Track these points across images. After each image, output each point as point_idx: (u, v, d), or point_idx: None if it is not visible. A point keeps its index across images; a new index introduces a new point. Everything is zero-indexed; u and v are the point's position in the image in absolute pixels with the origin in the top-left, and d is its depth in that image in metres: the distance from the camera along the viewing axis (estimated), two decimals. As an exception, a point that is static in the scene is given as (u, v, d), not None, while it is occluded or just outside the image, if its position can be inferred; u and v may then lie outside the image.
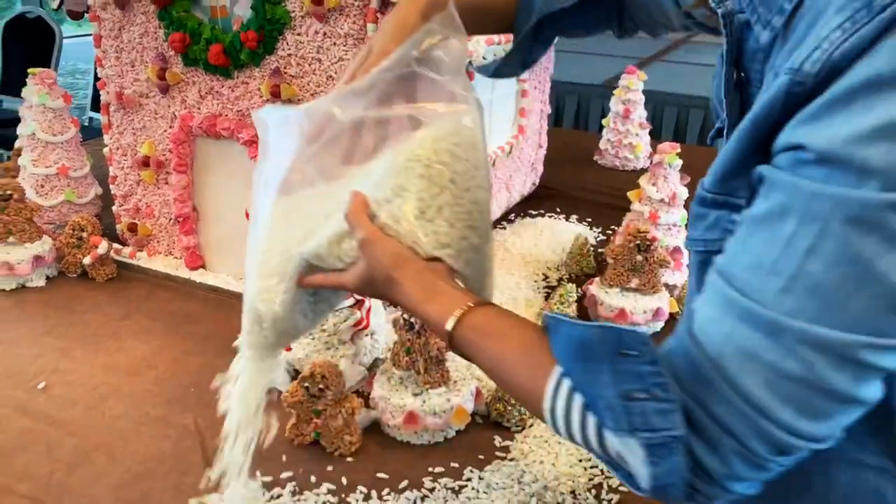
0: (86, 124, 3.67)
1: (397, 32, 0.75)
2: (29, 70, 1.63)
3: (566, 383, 0.55)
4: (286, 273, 0.75)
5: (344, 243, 0.73)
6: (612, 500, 0.93)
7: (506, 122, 1.63)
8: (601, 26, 0.92)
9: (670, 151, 1.40)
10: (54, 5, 1.43)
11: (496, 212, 1.71)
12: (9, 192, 1.36)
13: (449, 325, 0.63)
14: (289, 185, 0.78)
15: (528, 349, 0.59)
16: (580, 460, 0.99)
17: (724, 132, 0.63)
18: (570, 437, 0.56)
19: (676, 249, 1.40)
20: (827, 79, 0.43)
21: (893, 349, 0.44)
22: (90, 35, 1.42)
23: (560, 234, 1.69)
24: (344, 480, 0.94)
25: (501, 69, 0.93)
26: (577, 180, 2.01)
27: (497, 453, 1.00)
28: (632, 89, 2.02)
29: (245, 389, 0.81)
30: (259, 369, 0.82)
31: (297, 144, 0.77)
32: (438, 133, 0.73)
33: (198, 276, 1.44)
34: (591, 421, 0.54)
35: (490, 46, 1.23)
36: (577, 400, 0.55)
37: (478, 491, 0.93)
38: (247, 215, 1.33)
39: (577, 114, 3.47)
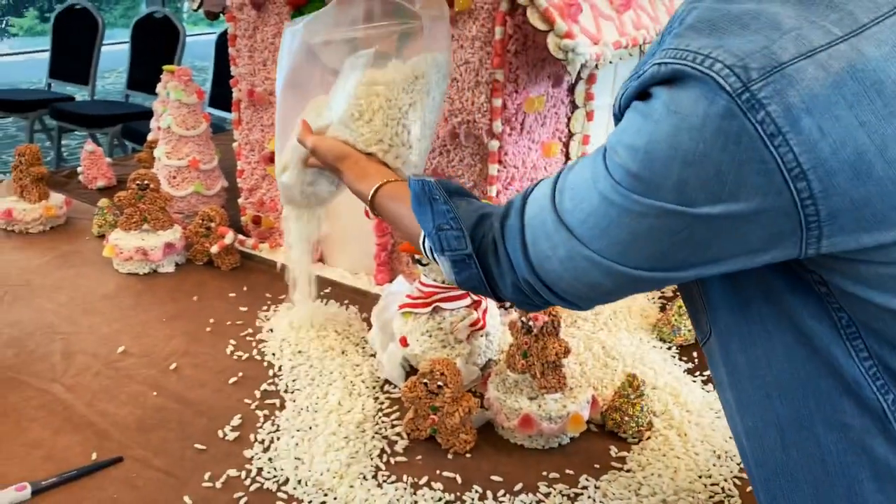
0: (204, 119, 3.85)
1: None
2: (164, 67, 1.72)
3: None
4: (293, 156, 1.04)
5: None
6: (734, 520, 0.90)
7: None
8: None
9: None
10: (194, 6, 1.51)
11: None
12: (146, 181, 1.45)
13: (369, 195, 0.91)
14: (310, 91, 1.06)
15: None
16: (700, 476, 0.96)
17: None
18: (435, 261, 0.80)
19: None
20: (621, 114, 0.63)
21: (614, 272, 0.62)
22: (209, 34, 1.49)
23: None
24: (459, 479, 0.95)
25: None
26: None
27: (613, 463, 0.99)
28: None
29: (294, 234, 1.16)
30: (297, 217, 1.14)
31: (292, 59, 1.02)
32: (383, 49, 0.97)
33: (316, 270, 1.48)
34: (428, 245, 0.80)
35: (617, 50, 1.22)
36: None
37: (594, 500, 0.92)
38: (366, 214, 1.37)
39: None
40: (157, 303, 1.37)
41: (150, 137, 1.90)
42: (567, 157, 1.42)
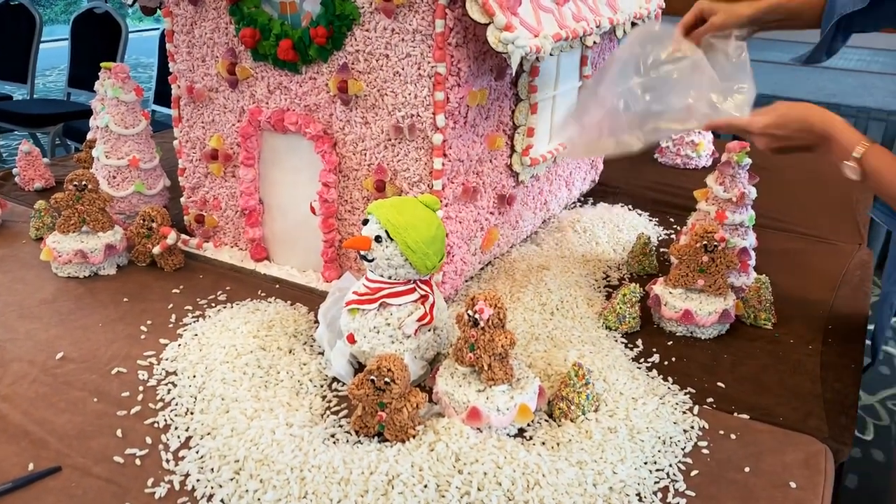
0: (149, 117, 3.78)
1: (729, 20, 1.27)
2: (102, 64, 1.68)
3: None
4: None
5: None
6: (678, 503, 0.92)
7: (568, 119, 1.61)
8: (889, 23, 1.17)
9: (739, 150, 1.37)
10: (129, 1, 1.47)
11: (556, 210, 1.70)
12: (84, 182, 1.41)
13: (857, 153, 1.04)
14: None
15: None
16: (645, 462, 0.97)
17: None
18: None
19: (744, 251, 1.37)
20: None
21: None
22: (153, 30, 1.46)
23: (621, 232, 1.67)
24: (408, 474, 0.95)
25: (812, 57, 1.26)
26: (637, 178, 1.98)
27: (560, 453, 0.99)
28: (696, 86, 1.98)
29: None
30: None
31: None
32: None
33: (262, 268, 1.46)
34: None
35: (557, 42, 1.22)
36: None
37: (541, 488, 0.92)
38: (312, 209, 1.36)
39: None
40: (98, 306, 1.34)
41: (89, 137, 1.85)
42: (512, 150, 1.42)
